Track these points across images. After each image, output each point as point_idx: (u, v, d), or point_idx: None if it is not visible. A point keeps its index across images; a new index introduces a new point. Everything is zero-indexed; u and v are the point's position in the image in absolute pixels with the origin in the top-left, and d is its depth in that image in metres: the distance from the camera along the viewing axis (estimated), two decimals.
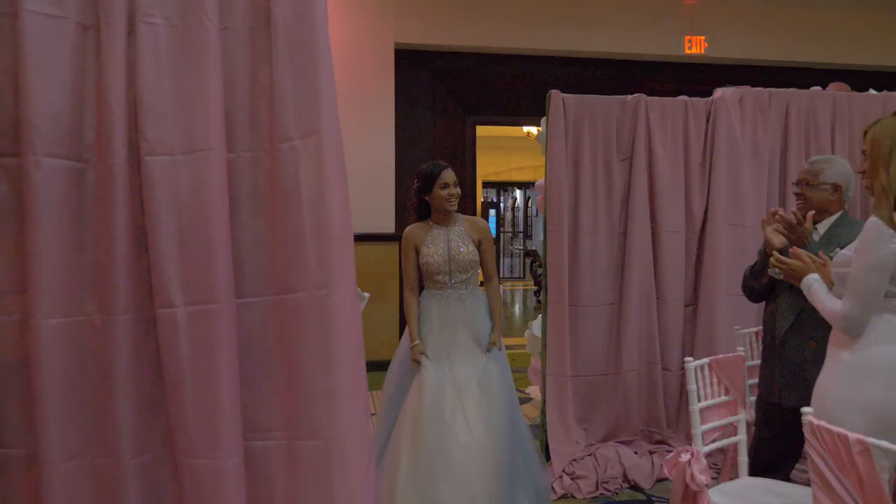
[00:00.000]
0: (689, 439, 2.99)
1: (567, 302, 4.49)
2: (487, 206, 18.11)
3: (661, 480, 4.16)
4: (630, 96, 4.60)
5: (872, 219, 2.28)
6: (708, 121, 4.63)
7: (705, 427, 2.96)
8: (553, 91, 4.50)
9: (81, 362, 1.85)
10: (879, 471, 1.95)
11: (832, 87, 5.21)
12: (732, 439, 3.08)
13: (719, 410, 3.06)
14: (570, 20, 7.47)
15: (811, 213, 3.04)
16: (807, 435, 2.15)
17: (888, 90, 5.09)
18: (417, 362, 3.39)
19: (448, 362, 3.40)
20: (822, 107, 4.72)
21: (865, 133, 2.45)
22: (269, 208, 1.94)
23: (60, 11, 1.82)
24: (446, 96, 7.74)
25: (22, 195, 1.80)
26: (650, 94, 4.68)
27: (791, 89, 4.78)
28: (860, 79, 7.10)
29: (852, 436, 1.99)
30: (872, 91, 5.00)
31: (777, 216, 2.99)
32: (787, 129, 4.71)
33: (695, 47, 7.64)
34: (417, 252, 3.51)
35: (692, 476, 2.75)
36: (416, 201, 3.53)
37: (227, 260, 1.89)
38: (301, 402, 1.91)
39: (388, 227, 6.97)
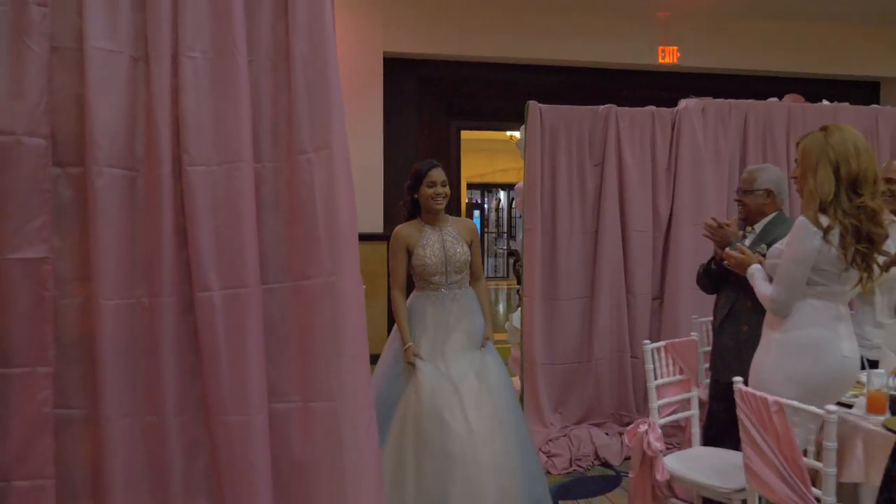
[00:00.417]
0: None
1: (541, 295, 4.74)
2: (472, 207, 18.11)
3: (629, 458, 4.28)
4: (602, 107, 4.86)
5: (801, 218, 2.59)
6: (673, 129, 4.90)
7: (661, 402, 3.31)
8: (531, 101, 4.77)
9: (134, 337, 2.18)
10: (791, 426, 2.34)
11: (788, 98, 5.60)
12: (686, 413, 3.43)
13: (675, 388, 3.40)
14: (551, 31, 7.71)
15: (735, 216, 3.41)
16: (737, 399, 2.53)
17: (839, 100, 5.49)
18: (412, 364, 3.31)
19: (443, 361, 3.33)
20: (778, 117, 5.02)
21: (797, 144, 2.80)
22: (288, 210, 2.26)
23: (117, 47, 2.14)
24: (432, 102, 7.96)
25: (85, 199, 2.13)
26: (625, 101, 4.95)
27: (750, 100, 5.07)
28: (818, 86, 7.50)
29: (770, 398, 2.36)
30: (825, 102, 5.36)
31: (704, 223, 3.31)
32: (745, 137, 5.00)
33: (668, 57, 7.89)
34: (410, 253, 3.44)
35: (648, 443, 3.09)
36: (407, 198, 3.51)
37: (254, 252, 2.21)
38: (314, 370, 2.24)
39: (377, 227, 7.18)
